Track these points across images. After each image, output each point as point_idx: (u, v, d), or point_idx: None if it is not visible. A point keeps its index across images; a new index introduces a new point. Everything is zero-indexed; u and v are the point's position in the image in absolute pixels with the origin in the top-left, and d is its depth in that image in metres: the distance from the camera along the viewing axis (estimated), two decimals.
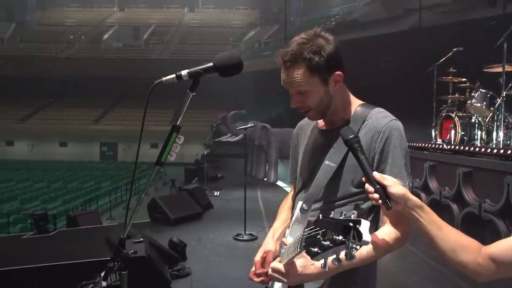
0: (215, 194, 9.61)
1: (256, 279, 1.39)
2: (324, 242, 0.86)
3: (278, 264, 1.23)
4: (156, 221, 6.59)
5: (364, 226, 0.86)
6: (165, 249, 4.38)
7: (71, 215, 6.54)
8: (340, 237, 0.84)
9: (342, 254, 0.87)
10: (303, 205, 1.31)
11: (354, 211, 0.93)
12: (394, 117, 1.30)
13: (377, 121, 1.29)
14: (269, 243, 1.45)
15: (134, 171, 1.36)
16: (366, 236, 0.84)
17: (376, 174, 1.08)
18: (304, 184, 1.40)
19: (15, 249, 4.55)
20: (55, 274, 3.28)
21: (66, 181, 18.95)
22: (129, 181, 17.91)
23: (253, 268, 1.39)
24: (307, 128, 1.48)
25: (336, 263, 0.88)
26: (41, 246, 4.43)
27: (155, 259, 3.57)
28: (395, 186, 1.06)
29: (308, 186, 1.36)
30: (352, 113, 1.35)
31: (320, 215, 0.98)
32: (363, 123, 1.30)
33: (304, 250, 0.93)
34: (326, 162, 1.31)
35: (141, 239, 3.52)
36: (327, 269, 0.93)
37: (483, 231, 4.56)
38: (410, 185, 1.24)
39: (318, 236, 0.88)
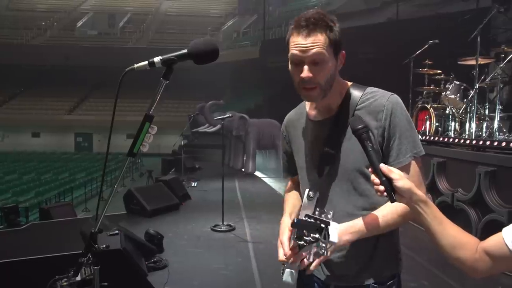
0: (192, 185, 9.54)
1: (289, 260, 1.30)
2: (306, 238, 1.10)
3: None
4: (132, 212, 6.50)
5: (333, 228, 1.08)
6: (141, 241, 4.31)
7: (44, 207, 6.37)
8: (317, 235, 1.08)
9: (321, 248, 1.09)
10: (310, 192, 1.33)
11: (330, 211, 1.12)
12: (391, 92, 1.32)
13: (378, 99, 1.30)
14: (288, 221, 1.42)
15: (105, 162, 1.31)
16: (333, 238, 1.08)
17: (383, 167, 1.08)
18: (309, 174, 1.41)
19: None
20: (26, 269, 3.17)
21: (39, 172, 18.44)
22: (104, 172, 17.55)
23: (281, 250, 1.29)
24: (297, 122, 1.47)
25: (322, 252, 1.09)
26: (12, 240, 4.29)
27: (131, 251, 3.51)
28: (401, 180, 1.06)
29: (312, 176, 1.38)
30: (344, 95, 1.34)
31: (304, 217, 1.12)
32: (360, 104, 1.31)
33: (296, 242, 1.14)
34: (326, 149, 1.33)
35: (117, 231, 3.44)
36: (311, 260, 1.12)
37: (456, 220, 4.68)
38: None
39: (304, 231, 1.10)
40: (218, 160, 8.10)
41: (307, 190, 1.35)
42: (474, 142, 4.85)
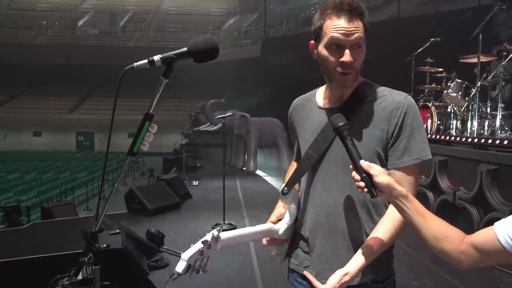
0: (193, 183, 9.54)
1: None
2: None
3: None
4: (133, 211, 6.50)
5: (180, 264, 1.18)
6: (142, 240, 4.32)
7: (46, 206, 6.38)
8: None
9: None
10: (284, 188, 1.34)
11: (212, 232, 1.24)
12: (406, 93, 1.31)
13: (393, 97, 1.29)
14: (281, 206, 1.47)
15: (105, 162, 1.31)
16: (178, 268, 1.19)
17: (363, 163, 1.09)
18: (309, 161, 1.40)
19: None
20: (28, 268, 3.18)
21: (41, 171, 18.45)
22: (105, 171, 17.55)
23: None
24: (301, 107, 1.46)
25: None
26: (13, 240, 4.29)
27: (132, 250, 3.51)
28: (381, 175, 1.08)
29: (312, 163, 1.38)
30: (354, 87, 1.33)
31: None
32: (377, 98, 1.30)
33: None
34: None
35: (118, 230, 3.44)
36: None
37: (457, 219, 4.68)
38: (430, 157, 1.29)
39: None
40: (219, 159, 8.10)
41: (282, 185, 1.38)
42: (476, 140, 4.84)
